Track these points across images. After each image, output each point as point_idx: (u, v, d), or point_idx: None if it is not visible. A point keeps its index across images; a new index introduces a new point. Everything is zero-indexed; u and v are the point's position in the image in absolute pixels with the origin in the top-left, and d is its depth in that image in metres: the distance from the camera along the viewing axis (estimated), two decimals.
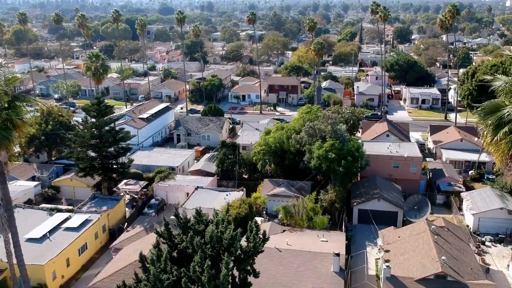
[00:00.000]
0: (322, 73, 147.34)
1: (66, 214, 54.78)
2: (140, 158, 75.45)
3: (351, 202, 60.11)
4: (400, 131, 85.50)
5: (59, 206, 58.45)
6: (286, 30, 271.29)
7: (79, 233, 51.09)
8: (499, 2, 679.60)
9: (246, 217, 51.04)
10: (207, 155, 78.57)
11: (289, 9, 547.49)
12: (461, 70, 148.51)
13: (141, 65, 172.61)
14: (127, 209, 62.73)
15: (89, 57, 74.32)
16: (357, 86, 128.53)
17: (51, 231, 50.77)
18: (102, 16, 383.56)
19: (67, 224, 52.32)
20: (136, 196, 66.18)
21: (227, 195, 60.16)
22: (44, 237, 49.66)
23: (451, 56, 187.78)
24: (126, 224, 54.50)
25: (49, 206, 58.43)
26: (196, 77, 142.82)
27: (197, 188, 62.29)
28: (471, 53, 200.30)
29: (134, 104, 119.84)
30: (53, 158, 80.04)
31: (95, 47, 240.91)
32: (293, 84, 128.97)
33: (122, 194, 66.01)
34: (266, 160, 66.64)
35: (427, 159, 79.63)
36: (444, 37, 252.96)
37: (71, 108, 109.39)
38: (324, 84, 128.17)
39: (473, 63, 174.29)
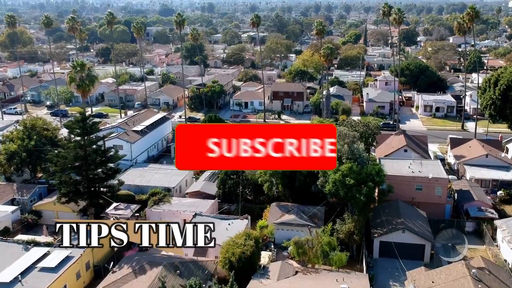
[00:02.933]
0: (328, 78, 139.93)
1: (44, 249, 47.51)
2: (133, 177, 68.07)
3: (371, 232, 52.76)
4: (418, 145, 78.11)
5: (37, 238, 51.06)
6: (289, 32, 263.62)
7: (57, 274, 43.79)
8: (501, 2, 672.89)
9: (252, 257, 43.77)
10: (207, 173, 71.13)
11: (291, 10, 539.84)
12: (474, 75, 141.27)
13: (139, 69, 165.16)
14: None
15: (73, 66, 66.75)
16: (367, 93, 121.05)
17: (24, 273, 43.49)
18: (101, 18, 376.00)
19: (44, 263, 45.01)
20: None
21: (229, 224, 52.78)
22: (15, 281, 42.38)
23: (461, 59, 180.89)
24: (112, 263, 47.12)
25: (26, 238, 51.05)
26: (196, 82, 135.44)
27: (195, 215, 54.90)
28: (481, 56, 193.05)
29: (129, 112, 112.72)
30: (39, 175, 72.99)
31: (92, 50, 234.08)
32: (299, 90, 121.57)
33: (111, 220, 58.68)
34: (273, 182, 59.32)
35: (450, 176, 72.12)
36: (451, 39, 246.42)
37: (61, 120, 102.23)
38: (331, 90, 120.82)
39: (485, 67, 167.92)
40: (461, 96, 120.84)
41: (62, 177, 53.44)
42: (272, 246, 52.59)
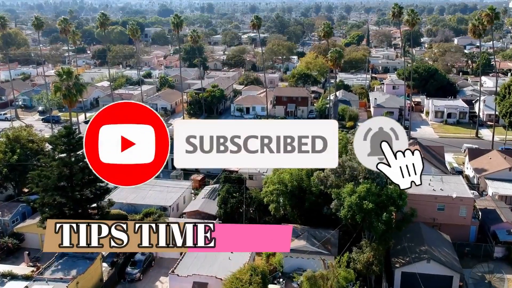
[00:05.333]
0: (332, 81, 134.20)
1: (23, 284, 41.87)
2: (125, 194, 62.13)
3: (391, 261, 47.04)
4: (435, 157, 72.29)
5: (15, 270, 45.22)
6: (290, 33, 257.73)
7: None
8: (502, 3, 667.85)
9: None
10: (206, 189, 65.46)
11: (291, 10, 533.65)
12: (484, 78, 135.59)
13: (136, 71, 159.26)
14: (105, 265, 49.73)
15: (58, 74, 61.10)
16: (375, 98, 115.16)
17: None
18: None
19: None
20: None
21: (232, 252, 46.99)
22: None
23: (469, 62, 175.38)
24: None
25: (2, 269, 45.24)
26: (196, 85, 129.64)
27: None
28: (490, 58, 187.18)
29: None
30: (26, 190, 67.02)
31: (89, 52, 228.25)
32: (303, 95, 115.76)
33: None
34: (280, 202, 53.55)
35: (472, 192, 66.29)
36: (455, 40, 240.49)
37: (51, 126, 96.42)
38: (337, 95, 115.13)
39: (494, 70, 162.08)
40: (473, 101, 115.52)
41: (45, 199, 47.72)
42: (281, 279, 46.76)
